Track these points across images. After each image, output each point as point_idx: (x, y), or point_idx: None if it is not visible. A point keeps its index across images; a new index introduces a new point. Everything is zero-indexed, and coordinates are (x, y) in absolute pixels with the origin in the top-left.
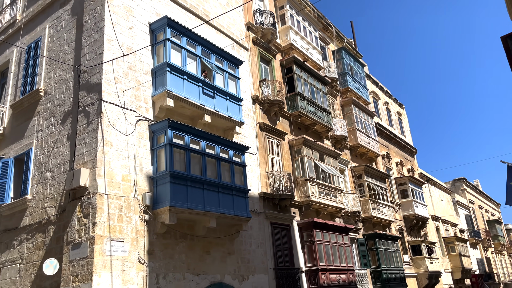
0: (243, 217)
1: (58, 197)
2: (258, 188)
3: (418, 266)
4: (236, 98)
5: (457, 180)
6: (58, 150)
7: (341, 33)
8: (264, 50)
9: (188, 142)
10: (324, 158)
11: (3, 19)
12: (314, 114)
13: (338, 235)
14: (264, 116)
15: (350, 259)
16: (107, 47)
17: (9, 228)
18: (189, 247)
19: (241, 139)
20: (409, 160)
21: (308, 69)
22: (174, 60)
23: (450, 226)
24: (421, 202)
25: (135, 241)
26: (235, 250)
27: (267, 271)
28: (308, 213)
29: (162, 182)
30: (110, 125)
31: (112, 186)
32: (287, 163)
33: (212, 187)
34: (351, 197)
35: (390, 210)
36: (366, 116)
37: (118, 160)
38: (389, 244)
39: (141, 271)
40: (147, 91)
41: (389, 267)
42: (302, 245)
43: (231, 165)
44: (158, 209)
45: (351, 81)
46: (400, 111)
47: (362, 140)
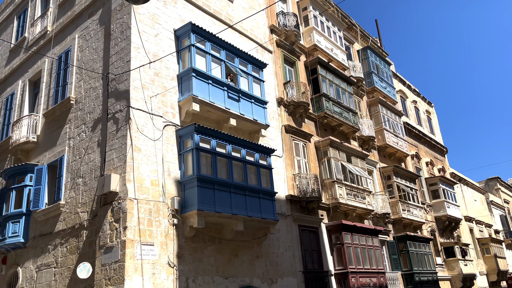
0: (271, 220)
1: (90, 202)
2: (285, 191)
3: (452, 269)
4: (261, 101)
5: (491, 180)
6: (89, 156)
7: (366, 32)
8: (288, 52)
9: (214, 146)
10: (351, 159)
11: (34, 30)
12: (340, 115)
13: (368, 237)
14: (290, 118)
15: (381, 262)
16: (134, 55)
17: (44, 233)
18: (218, 250)
19: (267, 142)
20: (439, 160)
21: (333, 70)
22: (199, 65)
23: (485, 227)
24: (453, 203)
25: (164, 244)
26: (263, 253)
27: (295, 274)
28: (336, 215)
29: (190, 186)
30: (138, 131)
31: (142, 190)
32: (314, 165)
33: (239, 190)
34: (380, 199)
35: (421, 211)
36: (394, 116)
37: (146, 165)
38: (421, 246)
39: (171, 275)
40: (174, 96)
41: (421, 270)
42: (331, 248)
43: (257, 168)
44: (187, 213)
45: (377, 80)
46: (429, 109)
47: (390, 140)
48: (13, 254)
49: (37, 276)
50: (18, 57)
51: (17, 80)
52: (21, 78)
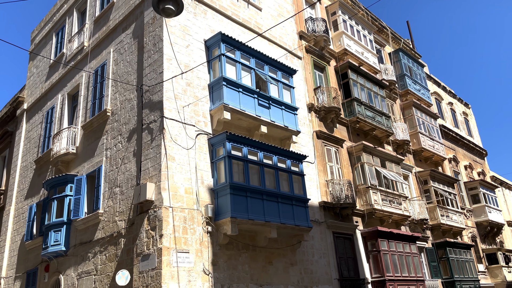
0: (304, 227)
1: (127, 211)
2: (318, 197)
3: (495, 276)
4: (291, 108)
5: None
6: (126, 166)
7: (397, 34)
8: (318, 57)
9: (246, 154)
10: (385, 164)
11: (72, 46)
12: (372, 119)
13: (405, 244)
14: (321, 123)
15: (419, 269)
16: (167, 66)
17: (84, 241)
18: (252, 257)
19: (298, 148)
20: (479, 163)
21: (364, 74)
22: (230, 74)
23: None
24: (494, 207)
25: (199, 252)
26: (298, 261)
27: (331, 282)
28: (371, 222)
29: (223, 194)
30: (172, 140)
31: (176, 199)
32: (347, 170)
33: (271, 197)
34: (417, 204)
35: (460, 217)
36: (429, 118)
37: (180, 173)
38: (462, 252)
39: (207, 282)
40: (205, 105)
41: (462, 277)
42: (367, 255)
43: (289, 174)
44: (220, 220)
45: (411, 82)
46: (466, 111)
47: (425, 144)
48: (55, 262)
49: (78, 283)
50: (57, 72)
51: (57, 94)
52: (60, 92)
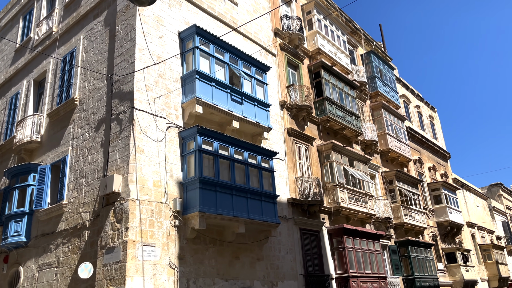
0: (272, 222)
1: (92, 203)
2: (287, 194)
3: (453, 274)
4: (264, 104)
5: (494, 185)
6: (92, 157)
7: (369, 37)
8: (292, 55)
9: (217, 148)
10: (353, 163)
11: (40, 31)
12: (343, 119)
13: (369, 241)
14: (292, 121)
15: (382, 267)
16: (139, 56)
17: (46, 233)
18: (219, 252)
19: (269, 145)
20: (442, 165)
21: (336, 74)
22: (203, 68)
23: (486, 233)
24: (455, 208)
25: (166, 246)
26: (264, 256)
27: (296, 278)
28: (337, 219)
29: (192, 188)
30: (141, 132)
31: (144, 191)
32: (316, 168)
33: (240, 192)
34: (382, 203)
35: (423, 217)
36: (397, 120)
37: (149, 166)
38: (423, 251)
39: (172, 276)
40: (177, 98)
41: (422, 275)
42: (332, 252)
43: (260, 170)
44: (188, 214)
45: (381, 84)
46: (432, 114)
47: (392, 145)
48: (15, 253)
49: (38, 275)
50: (23, 57)
51: (22, 80)
52: (26, 78)
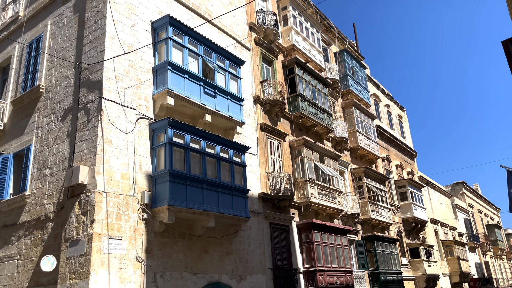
0: (242, 217)
1: (57, 194)
2: (258, 189)
3: (416, 269)
4: (237, 98)
5: (457, 184)
6: (58, 147)
7: (343, 35)
8: (266, 50)
9: (188, 141)
10: (324, 159)
11: (5, 15)
12: (315, 116)
13: (337, 236)
14: (265, 116)
15: (348, 261)
16: (109, 45)
17: (7, 224)
18: (187, 246)
19: (242, 139)
20: (409, 163)
21: (309, 71)
22: (176, 59)
23: (449, 230)
24: (420, 205)
25: (133, 239)
26: (234, 250)
27: (265, 272)
28: (307, 214)
29: (162, 181)
30: (110, 123)
31: (111, 184)
32: (287, 164)
33: (211, 186)
34: (350, 199)
35: (389, 213)
36: (367, 119)
37: (117, 158)
38: (388, 246)
39: (139, 270)
40: (148, 89)
41: (387, 270)
42: (301, 246)
43: (231, 165)
44: (157, 207)
45: (353, 83)
46: (401, 113)
47: (362, 142)
48: None
49: None
50: None
51: None
52: None
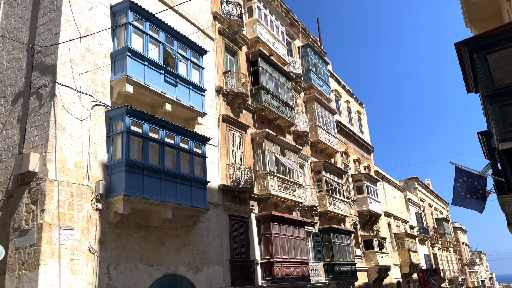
0: (201, 208)
1: (6, 182)
2: (218, 180)
3: (369, 260)
4: (199, 88)
5: (410, 179)
6: (7, 132)
7: (307, 30)
8: (230, 41)
9: (147, 131)
10: (285, 152)
11: None
12: (277, 109)
13: (295, 228)
14: (228, 108)
15: (305, 252)
16: (64, 27)
17: None
18: (143, 237)
19: (203, 130)
20: (366, 158)
21: (273, 64)
22: (136, 45)
23: (401, 223)
24: (375, 199)
25: (86, 230)
26: (191, 242)
27: (222, 263)
28: (266, 206)
29: (117, 171)
30: (63, 109)
31: (64, 172)
32: (249, 156)
33: (170, 177)
34: (309, 192)
35: (345, 206)
36: (328, 113)
37: (71, 145)
38: (343, 238)
39: (91, 261)
40: (105, 75)
41: (341, 261)
42: (259, 238)
43: (191, 155)
44: (112, 198)
45: (315, 78)
46: (360, 110)
47: (322, 137)
48: None
49: None
50: None
51: None
52: None
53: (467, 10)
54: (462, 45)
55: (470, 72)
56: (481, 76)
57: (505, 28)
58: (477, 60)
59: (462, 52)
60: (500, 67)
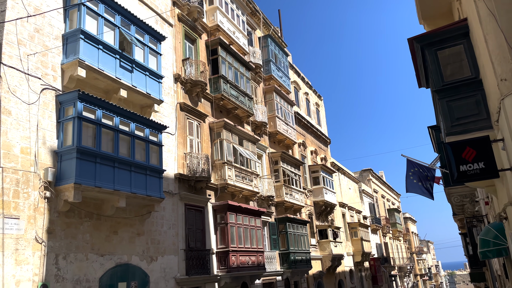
0: (156, 197)
1: None
2: (174, 169)
3: (324, 249)
4: (156, 75)
5: (365, 171)
6: None
7: (268, 20)
8: (190, 28)
9: (100, 117)
10: (243, 142)
11: None
12: (236, 98)
13: (251, 218)
14: (186, 96)
15: (261, 242)
16: (11, 5)
17: None
18: (95, 226)
19: (160, 118)
20: (323, 150)
21: (233, 53)
22: (89, 28)
23: (355, 213)
24: (330, 189)
25: (32, 218)
26: (145, 231)
27: (177, 252)
28: (223, 196)
29: (68, 158)
30: (9, 92)
31: (9, 158)
32: (206, 145)
33: (124, 165)
34: (266, 182)
35: (302, 196)
36: (286, 105)
37: (17, 130)
38: (299, 228)
39: (38, 251)
40: (56, 58)
41: (296, 250)
42: (215, 227)
43: (147, 144)
44: (62, 185)
45: (275, 69)
46: (318, 102)
47: (281, 128)
48: None
49: None
50: None
51: None
52: None
53: (420, 7)
54: (414, 41)
55: (422, 67)
56: (432, 71)
57: (455, 26)
58: (428, 56)
59: (414, 48)
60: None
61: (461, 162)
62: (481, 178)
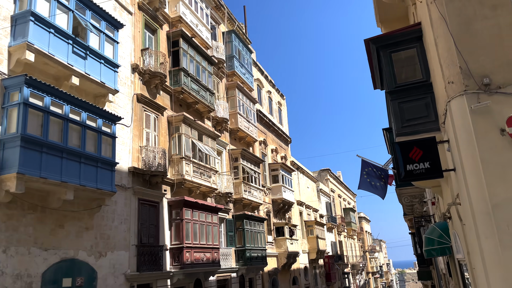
0: (107, 191)
1: None
2: (129, 162)
3: (280, 246)
4: (112, 63)
5: (323, 170)
6: None
7: (233, 16)
8: (150, 18)
9: (48, 104)
10: (202, 138)
11: None
12: (197, 93)
13: (208, 214)
14: (144, 87)
15: (217, 238)
16: None
17: None
18: (39, 219)
19: (114, 109)
20: (283, 148)
21: (195, 46)
22: (41, 10)
23: (312, 211)
24: (289, 188)
25: None
26: (95, 225)
27: (128, 248)
28: (180, 191)
29: (11, 146)
30: None
31: None
32: (164, 139)
33: (73, 156)
34: (225, 179)
35: (260, 193)
36: (249, 102)
37: None
38: (256, 225)
39: None
40: (3, 40)
41: (253, 247)
42: (170, 223)
43: (99, 134)
44: (3, 175)
45: (238, 65)
46: (281, 101)
47: (242, 125)
48: None
49: None
50: None
51: None
52: None
53: (378, 10)
54: (370, 42)
55: (377, 69)
56: (386, 73)
57: (409, 29)
58: (383, 57)
59: (370, 49)
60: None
61: (408, 161)
62: (426, 178)
